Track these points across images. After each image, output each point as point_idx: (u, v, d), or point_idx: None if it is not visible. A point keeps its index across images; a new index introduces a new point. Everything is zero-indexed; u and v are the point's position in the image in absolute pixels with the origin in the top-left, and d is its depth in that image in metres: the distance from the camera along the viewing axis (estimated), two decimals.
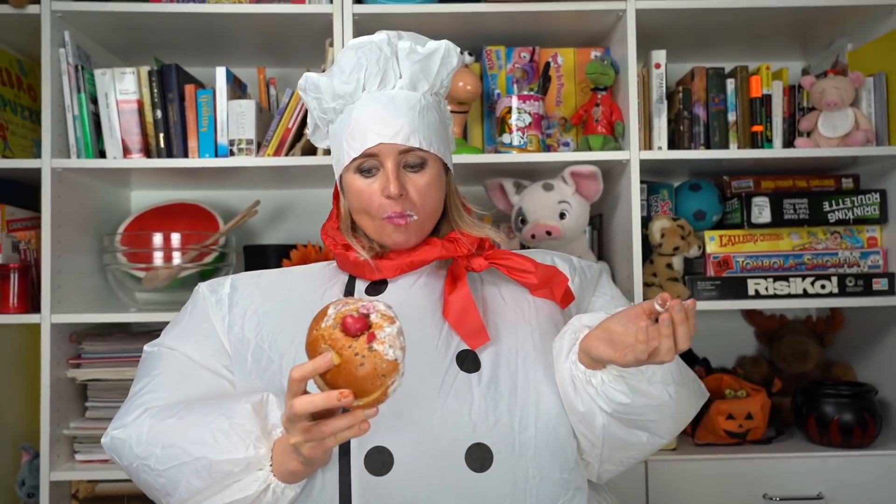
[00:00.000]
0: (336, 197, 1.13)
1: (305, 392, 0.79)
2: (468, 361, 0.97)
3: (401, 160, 1.02)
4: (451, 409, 0.93)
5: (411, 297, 1.02)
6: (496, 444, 0.92)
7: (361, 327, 0.78)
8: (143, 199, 2.04)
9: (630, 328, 0.88)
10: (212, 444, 0.89)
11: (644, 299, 1.66)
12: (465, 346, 0.98)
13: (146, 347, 1.09)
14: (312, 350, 0.79)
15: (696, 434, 1.74)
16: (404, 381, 0.80)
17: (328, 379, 0.78)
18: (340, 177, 1.07)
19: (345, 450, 0.91)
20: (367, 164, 1.03)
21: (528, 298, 1.07)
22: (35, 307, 1.68)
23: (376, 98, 1.02)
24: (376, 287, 1.06)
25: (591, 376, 0.94)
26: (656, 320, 0.86)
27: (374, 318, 0.79)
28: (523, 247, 1.73)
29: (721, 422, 1.70)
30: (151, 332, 1.78)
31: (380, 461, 0.90)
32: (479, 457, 0.91)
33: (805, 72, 2.06)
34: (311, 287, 1.08)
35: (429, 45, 1.05)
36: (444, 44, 1.06)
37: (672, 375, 0.96)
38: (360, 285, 1.07)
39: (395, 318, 0.80)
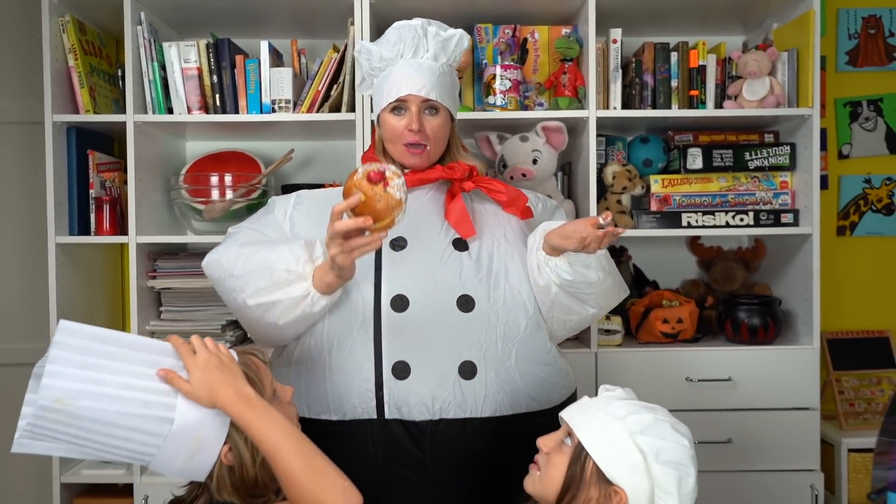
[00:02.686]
0: (373, 133, 1.55)
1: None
2: (460, 245, 1.43)
3: (422, 106, 1.42)
4: (447, 273, 1.39)
5: (424, 204, 1.47)
6: (477, 295, 1.38)
7: (379, 177, 1.20)
8: (195, 148, 2.48)
9: (579, 227, 1.31)
10: (276, 259, 1.31)
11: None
12: (458, 236, 1.43)
13: (230, 229, 1.51)
14: (347, 194, 1.21)
15: (638, 335, 2.21)
16: (414, 250, 1.28)
17: (356, 212, 1.21)
18: (378, 116, 1.47)
19: (377, 295, 1.37)
20: (398, 106, 1.43)
21: (502, 214, 1.52)
22: (122, 231, 2.15)
23: (409, 63, 1.43)
24: None
25: (548, 260, 1.39)
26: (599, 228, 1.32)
27: (388, 173, 1.21)
28: None
29: (658, 325, 2.17)
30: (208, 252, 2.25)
31: (400, 304, 1.36)
32: (465, 303, 1.37)
33: (745, 46, 2.48)
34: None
35: (449, 31, 1.45)
36: (460, 32, 1.46)
37: (602, 265, 1.42)
38: None
39: (401, 175, 1.22)
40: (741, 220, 2.16)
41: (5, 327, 2.51)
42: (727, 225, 2.16)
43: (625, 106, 2.19)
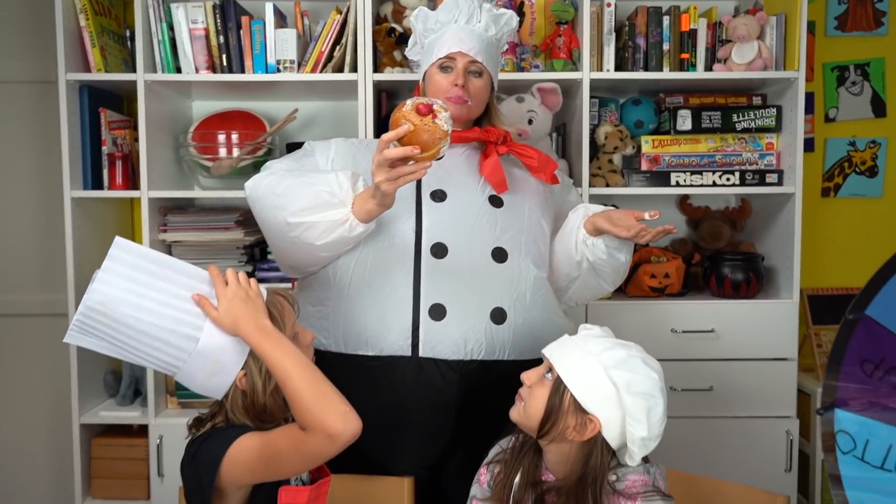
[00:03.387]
0: (418, 90, 1.64)
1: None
2: (495, 202, 1.53)
3: (468, 66, 1.53)
4: (483, 225, 1.50)
5: (461, 163, 1.57)
6: (509, 247, 1.50)
7: (428, 109, 1.27)
8: (202, 107, 2.56)
9: (625, 218, 1.49)
10: (321, 181, 1.41)
11: (589, 186, 2.21)
12: (493, 193, 1.53)
13: (268, 162, 1.58)
14: (395, 125, 1.28)
15: (627, 289, 2.31)
16: (453, 202, 1.43)
17: (404, 142, 1.29)
18: (425, 73, 1.58)
19: (417, 242, 1.46)
20: (446, 63, 1.54)
21: (531, 179, 1.62)
22: (134, 186, 2.24)
23: (462, 27, 1.56)
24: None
25: (587, 238, 1.55)
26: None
27: (436, 106, 1.29)
28: None
29: (646, 280, 2.28)
30: (216, 208, 2.35)
31: (440, 251, 1.46)
32: (499, 254, 1.49)
33: (736, 10, 2.54)
34: None
35: (501, 10, 1.59)
36: (511, 12, 1.60)
37: (630, 250, 1.60)
38: None
39: (447, 109, 1.30)
40: (727, 179, 2.25)
41: (22, 279, 2.62)
42: (714, 184, 2.25)
43: (618, 68, 2.26)
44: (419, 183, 1.51)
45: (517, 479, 1.28)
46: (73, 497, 2.26)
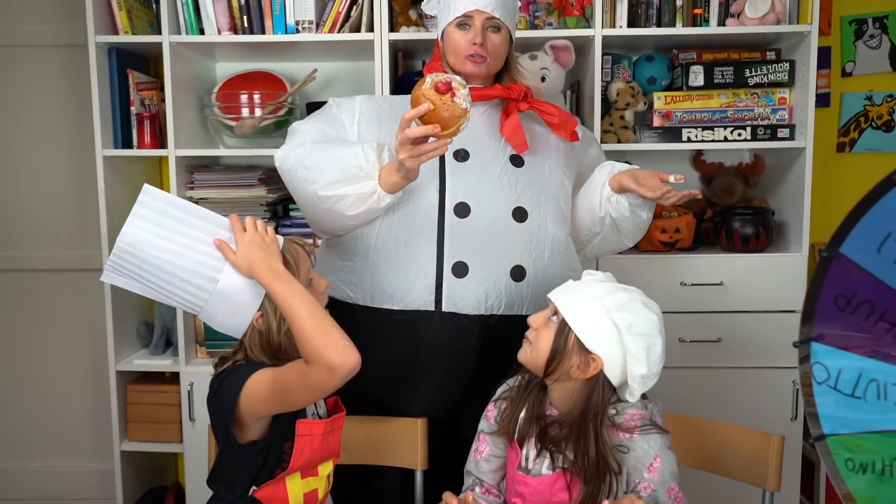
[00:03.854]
0: (436, 48, 1.66)
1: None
2: (516, 161, 1.58)
3: (486, 23, 1.54)
4: (504, 185, 1.55)
5: (482, 122, 1.59)
6: (529, 207, 1.55)
7: (447, 88, 1.31)
8: (225, 69, 2.63)
9: (650, 178, 1.54)
10: (348, 155, 1.45)
11: (601, 142, 2.25)
12: (514, 153, 1.57)
13: (294, 124, 1.63)
14: (415, 103, 1.32)
15: (639, 243, 2.36)
16: (475, 162, 1.48)
17: (424, 120, 1.32)
18: (443, 32, 1.59)
19: (441, 202, 1.51)
20: (464, 21, 1.55)
21: (552, 136, 1.65)
22: (161, 144, 2.34)
23: None
24: None
25: (611, 195, 1.61)
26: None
27: (454, 84, 1.32)
28: None
29: (657, 234, 2.33)
30: (239, 166, 2.44)
31: (463, 211, 1.51)
32: (519, 214, 1.54)
33: None
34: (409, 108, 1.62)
35: None
36: None
37: (652, 208, 1.66)
38: None
39: (466, 85, 1.33)
40: (739, 134, 2.28)
41: (57, 235, 2.74)
42: (725, 139, 2.28)
43: (630, 25, 2.28)
44: None
45: (522, 413, 1.36)
46: (112, 440, 2.40)
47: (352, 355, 1.16)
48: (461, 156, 1.56)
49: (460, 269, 1.51)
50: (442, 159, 1.54)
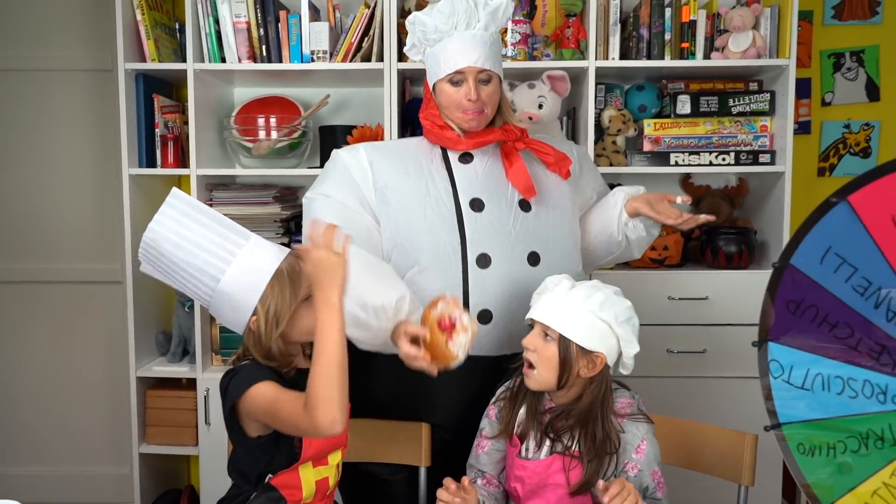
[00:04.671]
0: (428, 94, 1.65)
1: (415, 340, 1.39)
2: (525, 206, 1.61)
3: (478, 76, 1.56)
4: (518, 234, 1.58)
5: (490, 165, 1.63)
6: (542, 251, 1.59)
7: (450, 327, 1.31)
8: (242, 94, 2.80)
9: (663, 204, 1.64)
10: (368, 308, 1.43)
11: (596, 164, 2.41)
12: (521, 197, 1.61)
13: (308, 194, 1.63)
14: (424, 320, 1.37)
15: (629, 262, 2.51)
16: (490, 211, 1.56)
17: (425, 342, 1.36)
18: (434, 85, 1.60)
19: (464, 255, 1.56)
20: (456, 78, 1.56)
21: (546, 171, 1.68)
22: (183, 164, 2.50)
23: (463, 35, 1.55)
24: (465, 157, 1.63)
25: (628, 220, 1.69)
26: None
27: (458, 324, 1.30)
28: None
29: (647, 252, 2.46)
30: (255, 185, 2.60)
31: (485, 262, 1.56)
32: (533, 258, 1.59)
33: (737, 0, 2.71)
34: (421, 156, 1.64)
35: (495, 1, 1.56)
36: (504, 1, 1.56)
37: (659, 226, 1.73)
38: (452, 155, 1.63)
39: (469, 328, 1.31)
40: (723, 159, 2.44)
41: (82, 248, 2.90)
42: (710, 164, 2.45)
43: (623, 57, 2.46)
44: (455, 191, 1.61)
45: (522, 410, 1.48)
46: (131, 443, 2.54)
47: (335, 429, 1.23)
48: (476, 206, 1.60)
49: (485, 317, 1.57)
50: (459, 209, 1.59)
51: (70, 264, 2.89)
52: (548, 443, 1.43)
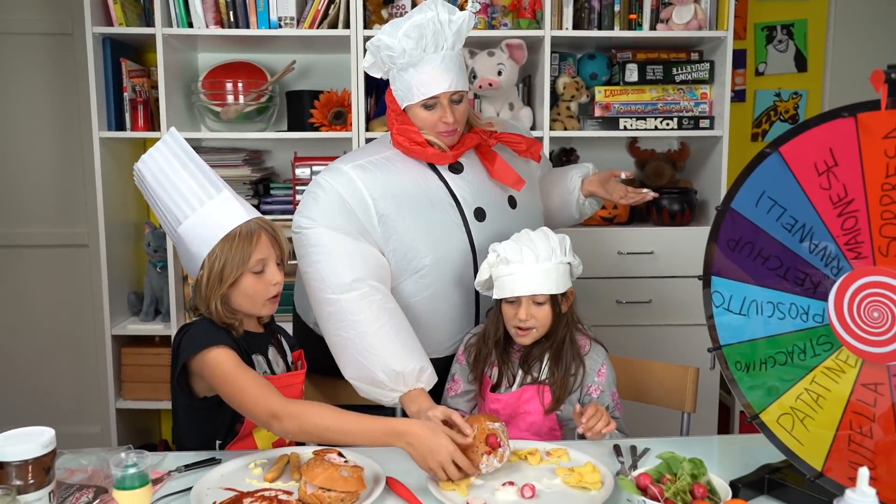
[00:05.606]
0: (395, 107, 1.65)
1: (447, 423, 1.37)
2: (512, 203, 1.74)
3: (450, 97, 1.60)
4: (513, 232, 1.60)
5: (478, 170, 1.71)
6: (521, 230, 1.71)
7: (494, 447, 1.32)
8: (206, 59, 2.85)
9: (612, 182, 1.85)
10: (386, 370, 1.52)
11: (549, 130, 2.58)
12: (510, 193, 1.73)
13: (305, 224, 1.60)
14: (474, 421, 1.35)
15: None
16: (490, 221, 1.67)
17: (461, 442, 1.31)
18: (406, 106, 1.62)
19: (474, 260, 1.66)
20: (429, 102, 1.60)
21: (518, 161, 1.77)
22: (153, 127, 2.55)
23: (433, 59, 1.57)
24: (455, 168, 1.69)
25: (584, 200, 1.90)
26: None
27: (499, 450, 1.32)
28: (476, 97, 2.61)
29: (598, 211, 2.66)
30: (224, 148, 2.67)
31: (480, 216, 1.68)
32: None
33: None
34: (415, 175, 1.67)
35: (458, 15, 1.57)
36: (467, 14, 1.59)
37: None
38: (441, 168, 1.68)
39: (503, 461, 1.33)
40: (667, 124, 2.64)
41: (45, 213, 2.92)
42: (656, 128, 2.64)
43: (575, 27, 2.61)
44: (458, 202, 1.68)
45: (493, 351, 1.62)
46: (108, 398, 2.61)
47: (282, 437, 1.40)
48: (479, 215, 1.69)
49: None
50: (465, 219, 1.67)
51: (34, 228, 2.91)
52: (520, 374, 1.60)
